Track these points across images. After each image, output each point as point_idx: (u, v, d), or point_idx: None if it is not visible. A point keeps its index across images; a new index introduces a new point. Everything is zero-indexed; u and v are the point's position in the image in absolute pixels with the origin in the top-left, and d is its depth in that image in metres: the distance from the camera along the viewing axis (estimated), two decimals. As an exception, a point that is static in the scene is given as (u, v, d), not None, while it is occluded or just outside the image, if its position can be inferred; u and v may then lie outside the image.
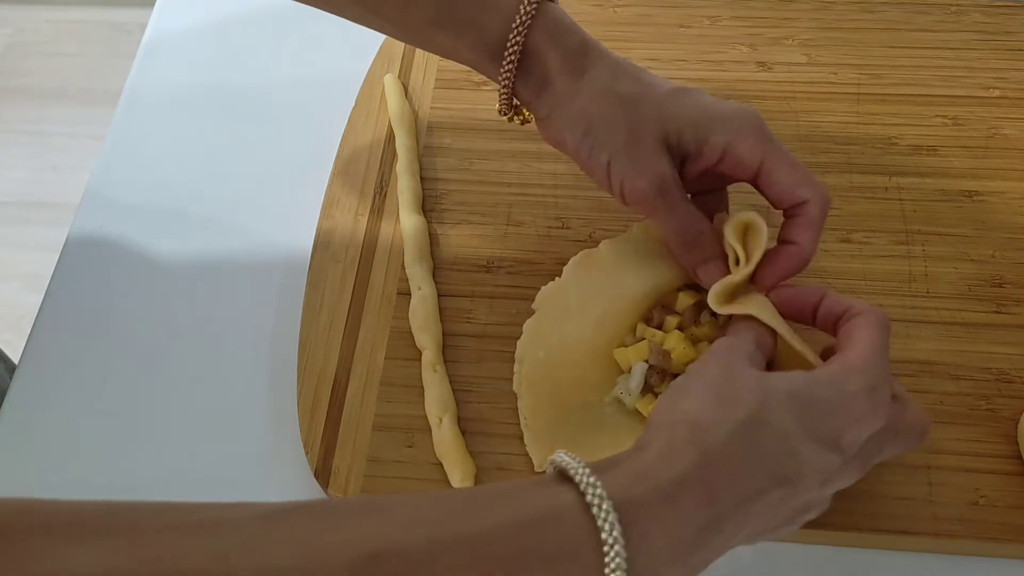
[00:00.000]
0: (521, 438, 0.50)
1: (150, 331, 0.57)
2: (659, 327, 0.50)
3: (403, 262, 0.56)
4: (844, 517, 0.47)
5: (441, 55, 0.52)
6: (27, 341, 0.57)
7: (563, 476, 0.37)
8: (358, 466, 0.50)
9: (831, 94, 0.62)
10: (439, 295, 0.55)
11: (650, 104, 0.47)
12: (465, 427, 0.51)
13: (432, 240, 0.57)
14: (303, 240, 0.58)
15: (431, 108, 0.63)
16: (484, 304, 0.55)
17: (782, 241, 0.47)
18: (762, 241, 0.46)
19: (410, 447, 0.50)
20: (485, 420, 0.51)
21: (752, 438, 0.38)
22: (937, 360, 0.52)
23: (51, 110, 1.75)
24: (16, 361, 0.58)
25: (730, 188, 0.51)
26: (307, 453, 0.50)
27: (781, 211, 0.47)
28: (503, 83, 0.48)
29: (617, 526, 0.35)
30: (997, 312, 0.53)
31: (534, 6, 0.47)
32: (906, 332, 0.52)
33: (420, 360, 0.53)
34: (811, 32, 0.65)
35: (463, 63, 0.51)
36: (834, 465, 0.40)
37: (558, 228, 0.58)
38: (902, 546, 0.47)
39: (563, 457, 0.37)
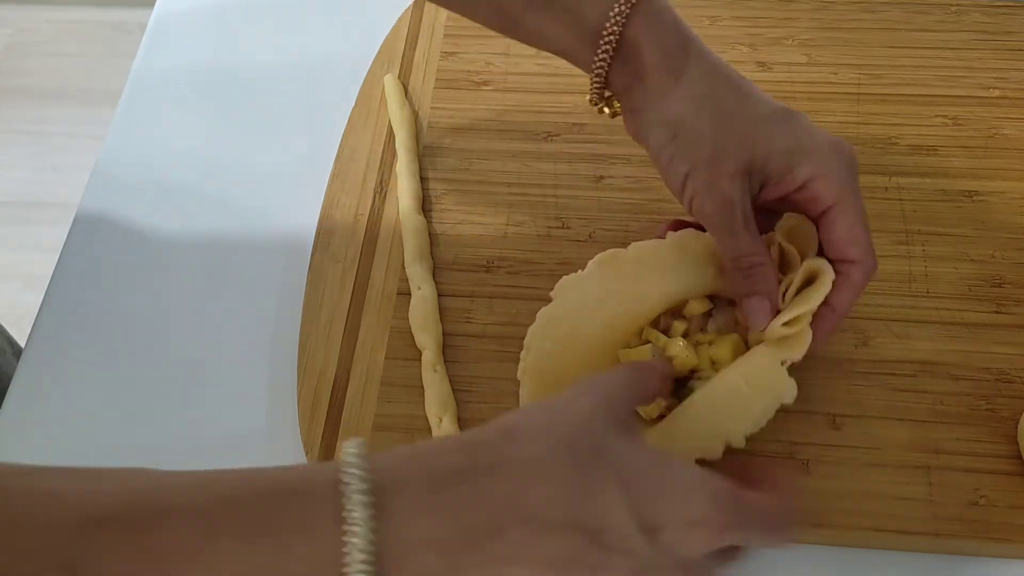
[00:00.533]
0: (521, 438, 0.50)
1: (149, 331, 0.57)
2: (666, 332, 0.49)
3: (403, 262, 0.56)
4: (844, 517, 0.47)
5: (531, 42, 0.50)
6: (27, 341, 0.57)
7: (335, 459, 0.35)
8: (358, 466, 0.50)
9: (831, 94, 0.62)
10: (439, 295, 0.55)
11: (744, 123, 0.46)
12: (465, 427, 0.51)
13: (432, 240, 0.57)
14: (303, 240, 0.58)
15: (431, 108, 0.63)
16: (484, 304, 0.55)
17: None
18: (822, 293, 0.45)
19: (410, 447, 0.50)
20: (485, 420, 0.50)
21: (566, 469, 0.35)
22: (937, 360, 0.52)
23: (51, 110, 1.75)
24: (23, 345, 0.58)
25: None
26: (307, 453, 0.50)
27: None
28: (596, 70, 0.47)
29: (366, 508, 0.33)
30: (997, 312, 0.53)
31: (630, 3, 0.45)
32: (906, 332, 0.52)
33: (420, 360, 0.53)
34: (811, 32, 0.65)
35: (554, 50, 0.49)
36: (643, 557, 0.35)
37: (558, 228, 0.57)
38: (902, 546, 0.47)
39: (350, 440, 0.35)
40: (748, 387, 0.45)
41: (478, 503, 0.34)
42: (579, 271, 0.49)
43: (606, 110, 0.50)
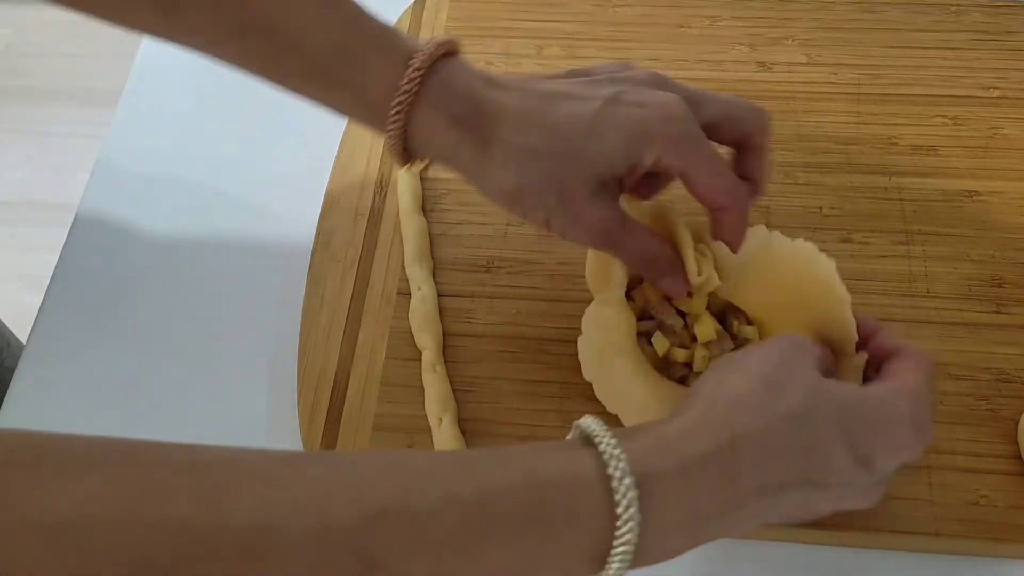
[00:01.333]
0: (521, 438, 0.50)
1: (149, 332, 0.57)
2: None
3: (403, 262, 0.56)
4: (844, 517, 0.47)
5: (321, 107, 0.47)
6: (27, 341, 0.57)
7: (588, 442, 0.37)
8: (358, 466, 0.50)
9: (831, 94, 0.62)
10: (439, 295, 0.55)
11: (570, 145, 0.44)
12: (465, 427, 0.51)
13: (432, 240, 0.57)
14: (303, 240, 0.58)
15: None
16: (484, 304, 0.55)
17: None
18: (682, 227, 0.48)
19: (410, 447, 0.50)
20: (485, 420, 0.51)
21: (791, 434, 0.38)
22: (937, 360, 0.51)
23: (51, 110, 1.75)
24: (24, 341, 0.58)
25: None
26: (307, 453, 0.51)
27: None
28: (393, 150, 0.45)
29: (636, 503, 0.35)
30: (997, 312, 0.53)
31: (415, 83, 0.43)
32: (906, 332, 0.52)
33: (420, 360, 0.53)
34: (811, 32, 0.65)
35: (352, 118, 0.48)
36: (859, 483, 0.40)
37: (558, 228, 0.57)
38: (902, 546, 0.47)
39: (589, 422, 0.37)
40: None
41: (726, 483, 0.37)
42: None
43: (414, 166, 0.48)
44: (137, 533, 0.29)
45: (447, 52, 0.45)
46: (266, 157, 0.63)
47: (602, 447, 0.36)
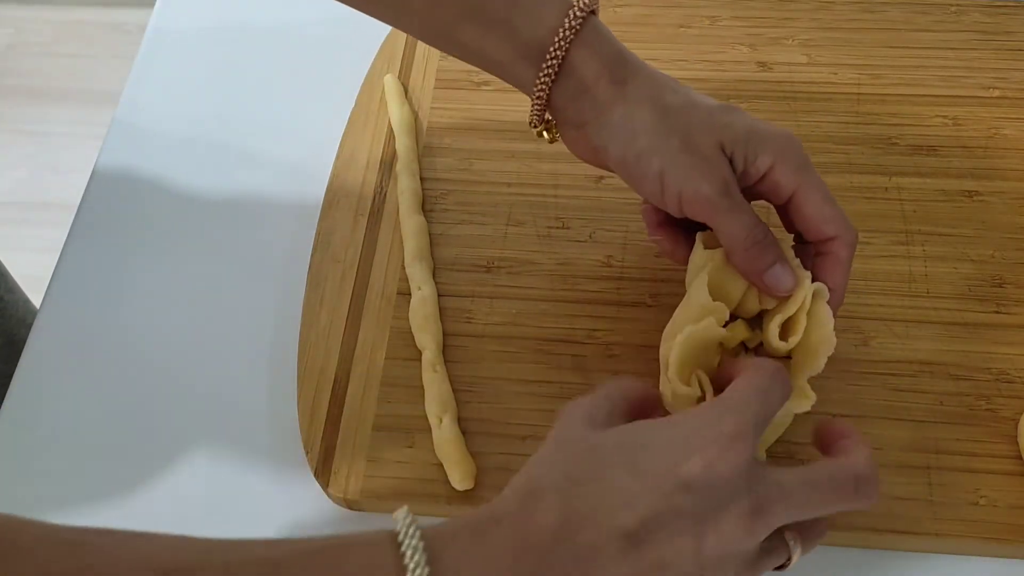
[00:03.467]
0: (521, 438, 0.50)
1: (149, 332, 0.57)
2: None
3: (403, 262, 0.56)
4: (844, 517, 0.47)
5: (466, 58, 0.50)
6: (27, 341, 0.57)
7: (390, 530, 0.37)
8: (358, 466, 0.50)
9: (831, 94, 0.62)
10: (439, 295, 0.55)
11: (701, 113, 0.46)
12: (465, 427, 0.51)
13: (432, 240, 0.57)
14: (303, 240, 0.58)
15: (431, 108, 0.63)
16: (484, 304, 0.55)
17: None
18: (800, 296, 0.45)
19: (410, 447, 0.50)
20: (485, 420, 0.51)
21: (577, 492, 0.36)
22: (937, 360, 0.52)
23: (51, 110, 1.75)
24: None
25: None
26: (307, 453, 0.50)
27: (810, 244, 0.47)
28: (539, 91, 0.47)
29: (421, 552, 0.35)
30: (997, 312, 0.53)
31: (580, 20, 0.46)
32: (906, 332, 0.52)
33: (420, 360, 0.53)
34: (811, 32, 0.65)
35: (488, 68, 0.49)
36: (688, 507, 0.35)
37: (558, 228, 0.57)
38: (902, 546, 0.47)
39: (399, 514, 0.37)
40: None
41: (520, 544, 0.35)
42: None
43: (545, 135, 0.50)
44: None
45: (594, 9, 0.47)
46: (266, 157, 0.63)
47: (395, 516, 0.36)
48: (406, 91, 0.64)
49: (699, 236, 0.48)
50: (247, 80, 0.68)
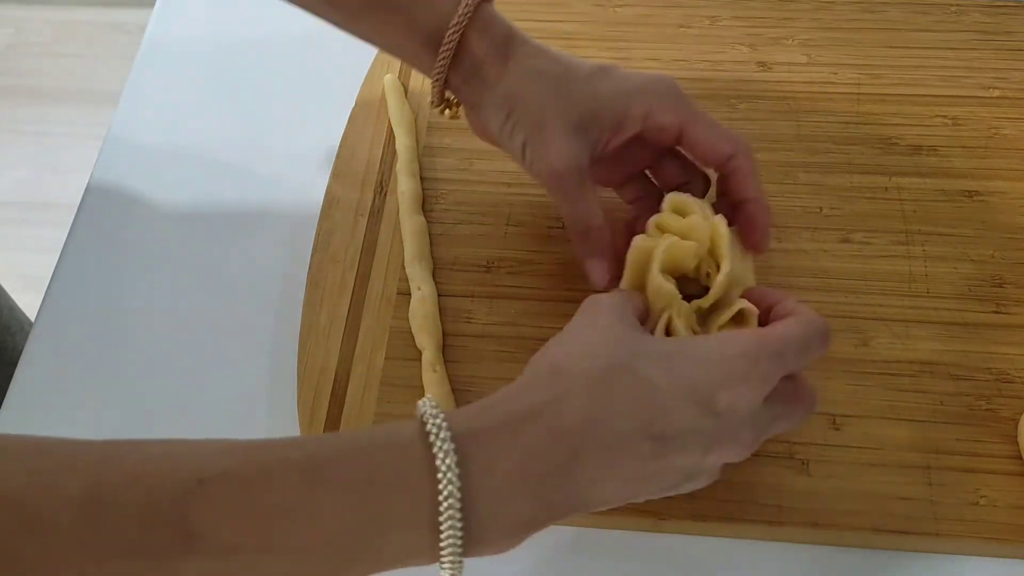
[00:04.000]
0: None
1: (149, 332, 0.57)
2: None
3: (403, 262, 0.56)
4: (844, 517, 0.47)
5: (373, 42, 0.53)
6: (27, 341, 0.57)
7: (414, 416, 0.38)
8: (358, 466, 0.50)
9: (831, 94, 0.62)
10: (439, 295, 0.55)
11: (571, 82, 0.48)
12: (465, 427, 0.50)
13: (432, 240, 0.57)
14: (303, 240, 0.58)
15: (431, 108, 0.63)
16: (484, 304, 0.55)
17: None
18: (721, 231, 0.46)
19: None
20: (485, 420, 0.51)
21: (614, 386, 0.38)
22: (937, 360, 0.52)
23: (51, 110, 1.75)
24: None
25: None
26: (307, 453, 0.50)
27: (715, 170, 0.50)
28: (437, 74, 0.50)
29: (452, 455, 0.35)
30: (997, 312, 0.53)
31: (473, 6, 0.48)
32: (906, 332, 0.52)
33: (420, 360, 0.52)
34: (811, 32, 0.65)
35: (390, 51, 0.53)
36: (709, 429, 0.39)
37: (558, 228, 0.57)
38: (902, 546, 0.47)
39: (423, 402, 0.38)
40: None
41: (555, 435, 0.37)
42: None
43: (447, 112, 0.53)
44: None
45: None
46: (265, 157, 0.63)
47: (424, 416, 0.37)
48: (406, 91, 0.64)
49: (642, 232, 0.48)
50: (247, 80, 0.68)
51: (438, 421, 0.36)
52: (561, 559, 0.48)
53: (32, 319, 0.59)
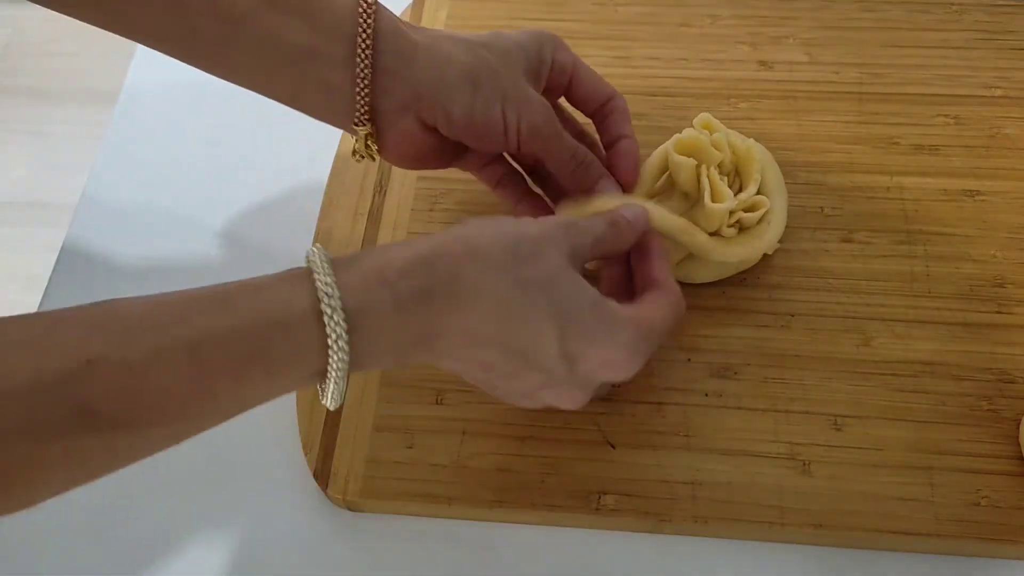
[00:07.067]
0: (521, 438, 0.50)
1: (149, 331, 0.57)
2: None
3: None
4: (845, 518, 0.47)
5: (266, 49, 0.47)
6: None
7: (307, 274, 0.38)
8: (357, 467, 0.50)
9: (832, 93, 0.62)
10: (439, 295, 0.55)
11: (490, 44, 0.49)
12: (465, 427, 0.50)
13: (432, 240, 0.57)
14: (302, 240, 0.58)
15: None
16: (484, 304, 0.55)
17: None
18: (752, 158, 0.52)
19: (410, 448, 0.50)
20: (485, 420, 0.51)
21: (512, 300, 0.40)
22: (938, 360, 0.51)
23: (51, 110, 1.75)
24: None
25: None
26: (306, 454, 0.50)
27: (591, 116, 0.53)
28: (362, 62, 0.46)
29: (345, 336, 0.37)
30: (999, 312, 0.53)
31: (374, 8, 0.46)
32: (907, 332, 0.52)
33: (420, 360, 0.52)
34: (812, 31, 0.65)
35: (295, 56, 0.47)
36: (558, 377, 0.42)
37: (558, 228, 0.57)
38: (904, 547, 0.47)
39: (314, 252, 0.39)
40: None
41: (433, 318, 0.39)
42: None
43: (371, 144, 0.50)
44: None
45: None
46: (265, 157, 0.63)
47: (317, 283, 0.37)
48: (406, 90, 0.64)
49: (561, 205, 0.51)
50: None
51: (333, 302, 0.37)
52: (561, 559, 0.48)
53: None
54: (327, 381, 0.39)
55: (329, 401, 0.40)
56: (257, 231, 0.60)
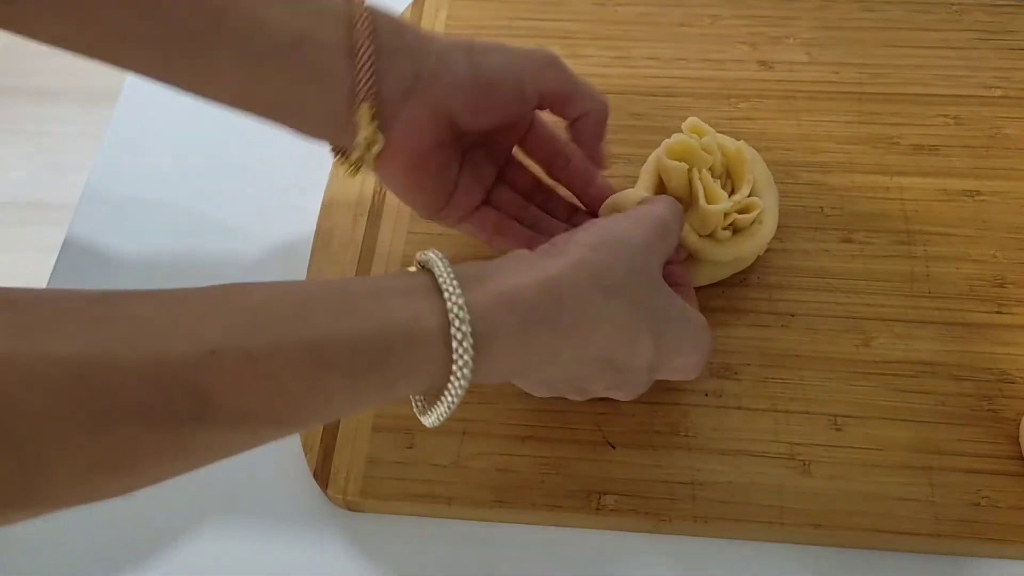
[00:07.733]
0: (521, 438, 0.50)
1: (149, 331, 0.57)
2: None
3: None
4: (845, 518, 0.47)
5: (255, 40, 0.44)
6: (26, 341, 0.57)
7: (433, 285, 0.38)
8: (357, 467, 0.50)
9: (832, 93, 0.62)
10: (439, 295, 0.55)
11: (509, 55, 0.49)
12: (465, 427, 0.50)
13: (432, 240, 0.57)
14: (303, 240, 0.58)
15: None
16: (484, 304, 0.55)
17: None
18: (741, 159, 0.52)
19: (410, 448, 0.50)
20: (485, 420, 0.51)
21: (630, 321, 0.41)
22: (939, 360, 0.51)
23: (51, 110, 1.75)
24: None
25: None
26: (306, 454, 0.50)
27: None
28: (364, 37, 0.44)
29: (472, 361, 0.37)
30: (999, 312, 0.53)
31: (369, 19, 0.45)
32: (907, 332, 0.52)
33: (420, 360, 0.52)
34: (812, 31, 0.65)
35: (289, 41, 0.44)
36: (636, 381, 0.45)
37: (558, 228, 0.57)
38: (903, 547, 0.47)
39: (436, 262, 0.38)
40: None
41: (555, 342, 0.40)
42: None
43: (374, 149, 0.47)
44: None
45: None
46: (265, 156, 0.63)
47: (448, 303, 0.37)
48: (406, 90, 0.64)
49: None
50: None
51: (465, 327, 0.36)
52: (561, 559, 0.48)
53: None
54: (440, 402, 0.38)
55: (433, 420, 0.39)
56: (257, 231, 0.60)
